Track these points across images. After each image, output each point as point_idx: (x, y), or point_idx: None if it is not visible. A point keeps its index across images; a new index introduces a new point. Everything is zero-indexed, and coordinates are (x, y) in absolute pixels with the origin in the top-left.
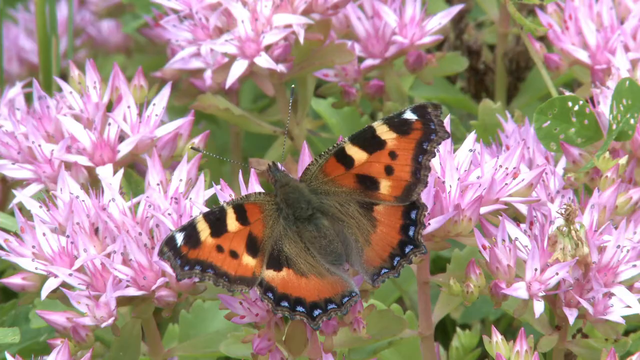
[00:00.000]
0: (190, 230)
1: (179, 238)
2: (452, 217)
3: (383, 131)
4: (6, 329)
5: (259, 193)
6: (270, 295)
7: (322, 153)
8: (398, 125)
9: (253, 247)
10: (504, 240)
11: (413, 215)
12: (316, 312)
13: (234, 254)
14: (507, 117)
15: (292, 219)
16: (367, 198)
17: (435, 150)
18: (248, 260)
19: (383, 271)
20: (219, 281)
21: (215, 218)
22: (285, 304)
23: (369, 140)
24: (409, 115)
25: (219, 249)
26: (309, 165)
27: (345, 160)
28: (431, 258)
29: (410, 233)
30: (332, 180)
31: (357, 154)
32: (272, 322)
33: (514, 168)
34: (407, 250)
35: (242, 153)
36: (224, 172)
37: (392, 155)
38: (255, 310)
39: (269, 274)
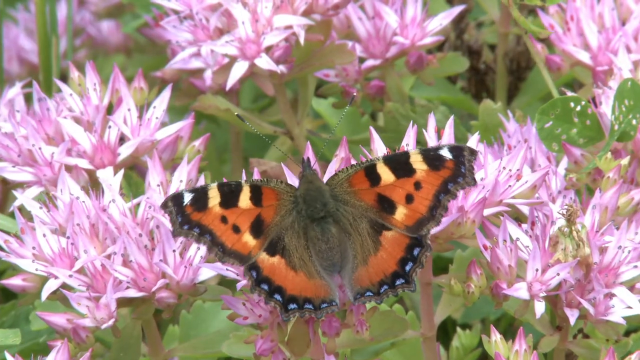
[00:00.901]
0: (200, 193)
1: (187, 197)
2: (456, 219)
3: (416, 160)
4: (7, 330)
5: (281, 181)
6: (254, 273)
7: (355, 164)
8: (432, 159)
9: (257, 228)
10: (505, 240)
11: (415, 252)
12: (291, 306)
13: (236, 229)
14: (508, 117)
15: (305, 215)
16: (380, 219)
17: (457, 193)
18: (248, 239)
19: (367, 294)
20: (213, 249)
21: (229, 190)
22: (266, 287)
23: (400, 165)
24: (445, 152)
25: (223, 219)
26: (338, 171)
27: (373, 176)
28: (433, 259)
29: (407, 268)
30: (355, 192)
31: (386, 175)
32: (275, 323)
33: (517, 170)
34: (397, 282)
35: (242, 153)
36: (224, 173)
37: (417, 185)
38: (259, 311)
39: (262, 256)
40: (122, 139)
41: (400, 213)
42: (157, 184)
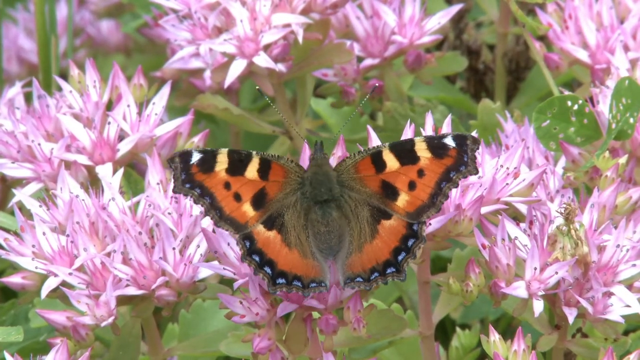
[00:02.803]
0: (209, 155)
1: (195, 157)
2: (453, 217)
3: (421, 148)
4: (9, 327)
5: (292, 160)
6: (247, 243)
7: (362, 150)
8: (436, 147)
9: (259, 201)
10: (503, 239)
11: (410, 243)
12: (280, 280)
13: (237, 197)
14: (506, 117)
15: (309, 197)
16: (382, 205)
17: (459, 182)
18: (248, 209)
19: (358, 279)
20: (210, 212)
21: (239, 159)
22: (257, 258)
23: (405, 152)
24: (449, 141)
25: (227, 185)
26: (346, 157)
27: (378, 163)
28: (432, 258)
29: (399, 258)
30: (360, 179)
31: (391, 161)
32: (273, 322)
33: (515, 168)
34: (388, 271)
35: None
36: None
37: (420, 173)
38: (256, 309)
39: (259, 228)
40: (122, 136)
41: (402, 199)
42: (157, 182)
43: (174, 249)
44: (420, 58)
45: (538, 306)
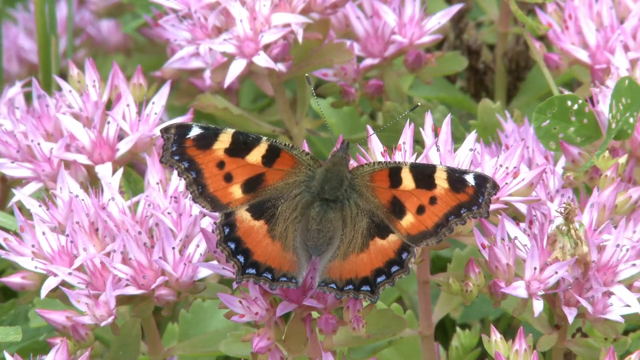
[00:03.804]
0: (209, 133)
1: (193, 132)
2: None
3: (440, 177)
4: (8, 327)
5: (308, 153)
6: (226, 230)
7: (383, 162)
8: (455, 180)
9: (251, 185)
10: (503, 239)
11: (393, 269)
12: (250, 270)
13: (228, 177)
14: (506, 117)
15: (313, 192)
16: (386, 220)
17: (467, 221)
18: (235, 191)
19: (331, 285)
20: (192, 187)
21: (243, 141)
22: (233, 246)
23: (424, 176)
24: (470, 178)
25: (220, 165)
26: (366, 164)
27: (395, 178)
28: (431, 258)
29: (378, 280)
30: (372, 188)
31: (407, 180)
32: (272, 322)
33: (514, 167)
34: (362, 288)
35: None
36: None
37: (432, 200)
38: (255, 309)
39: (243, 215)
40: (121, 136)
41: (407, 220)
42: (157, 182)
43: (173, 248)
44: (420, 58)
45: (538, 306)
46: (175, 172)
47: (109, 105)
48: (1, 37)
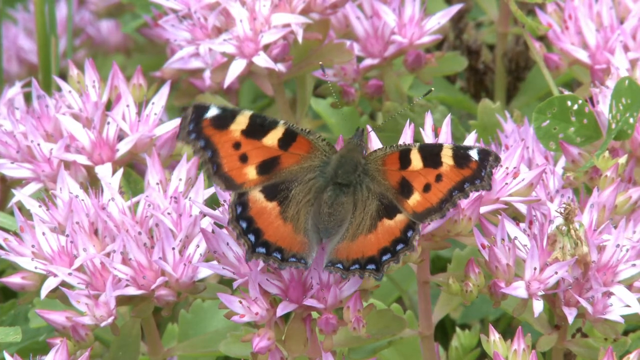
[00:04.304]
0: (227, 114)
1: (211, 112)
2: (452, 216)
3: (446, 154)
4: (8, 328)
5: (324, 139)
6: (238, 209)
7: (394, 145)
8: (460, 156)
9: (266, 167)
10: (503, 239)
11: (398, 247)
12: (260, 249)
13: (243, 158)
14: (506, 117)
15: (327, 176)
16: (394, 201)
17: (470, 194)
18: (250, 172)
19: (338, 265)
20: (207, 165)
21: (259, 123)
22: (244, 224)
23: (431, 155)
24: (473, 153)
25: (236, 145)
26: (379, 149)
27: (405, 160)
28: (431, 258)
29: (384, 257)
30: (384, 172)
31: (416, 161)
32: (272, 322)
33: (514, 168)
34: (368, 267)
35: None
36: None
37: (438, 177)
38: (255, 309)
39: (256, 196)
40: (121, 136)
41: (414, 199)
42: (157, 182)
43: (173, 249)
44: (420, 58)
45: (538, 306)
46: (174, 172)
47: (108, 106)
48: (1, 37)
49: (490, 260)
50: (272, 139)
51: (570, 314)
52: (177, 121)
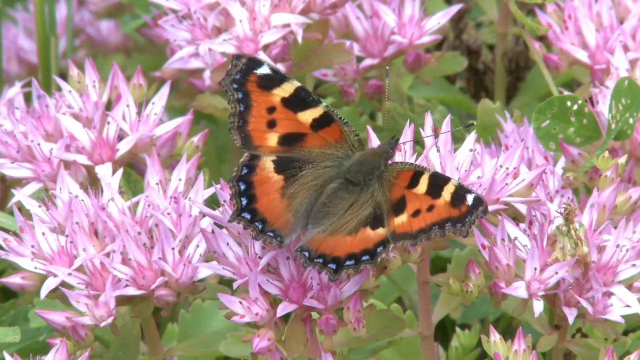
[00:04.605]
0: (276, 77)
1: (261, 69)
2: None
3: (449, 190)
4: (6, 328)
5: (357, 134)
6: (244, 170)
7: (413, 163)
8: (457, 195)
9: (289, 140)
10: (503, 239)
11: (363, 258)
12: (245, 214)
13: (271, 124)
14: (506, 117)
15: (341, 170)
16: (384, 214)
17: (446, 234)
18: (272, 139)
19: (305, 253)
20: (234, 118)
21: (303, 98)
22: (242, 187)
23: (436, 185)
24: (470, 198)
25: (270, 110)
26: (400, 162)
27: (414, 180)
28: (431, 258)
29: (347, 262)
30: (393, 184)
31: (422, 186)
32: (272, 322)
33: (514, 168)
34: (329, 265)
35: (241, 153)
36: (223, 172)
37: (430, 208)
38: (255, 309)
39: (266, 164)
40: (121, 136)
41: (401, 219)
42: (156, 182)
43: (173, 249)
44: (420, 58)
45: (538, 306)
46: (174, 172)
47: (108, 106)
48: (1, 37)
49: (491, 260)
50: (308, 116)
51: (571, 314)
52: (177, 121)
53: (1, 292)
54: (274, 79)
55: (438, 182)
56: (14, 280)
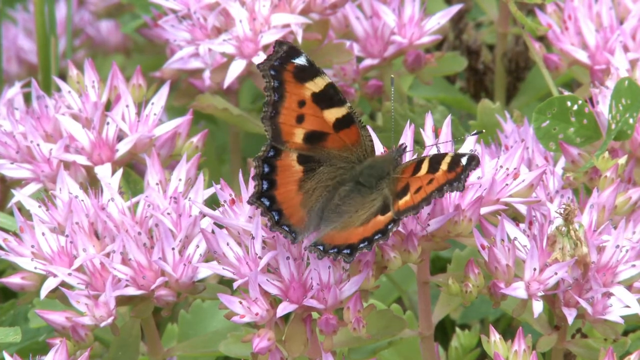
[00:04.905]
0: (312, 70)
1: (299, 60)
2: (452, 217)
3: (445, 161)
4: (7, 328)
5: (371, 139)
6: (270, 152)
7: (418, 157)
8: (453, 162)
9: (313, 138)
10: (503, 240)
11: (376, 237)
12: (265, 201)
13: (300, 119)
14: (506, 117)
15: (354, 173)
16: (391, 201)
17: (444, 194)
18: (298, 132)
19: (319, 247)
20: (268, 107)
21: (330, 95)
22: (266, 169)
23: (435, 162)
24: (464, 159)
25: (301, 104)
26: (407, 161)
27: (416, 169)
28: (431, 258)
29: (361, 245)
30: (398, 179)
31: (424, 169)
32: (272, 322)
33: (515, 169)
34: (344, 251)
35: (241, 153)
36: (223, 173)
37: (430, 181)
38: (255, 309)
39: (290, 154)
40: (121, 136)
41: (404, 199)
42: (156, 182)
43: (173, 249)
44: (420, 58)
45: (537, 307)
46: (173, 173)
47: (108, 106)
48: (1, 37)
49: (490, 260)
50: (332, 114)
51: (570, 315)
52: (176, 121)
53: (1, 292)
54: (310, 72)
55: (437, 159)
56: (14, 280)
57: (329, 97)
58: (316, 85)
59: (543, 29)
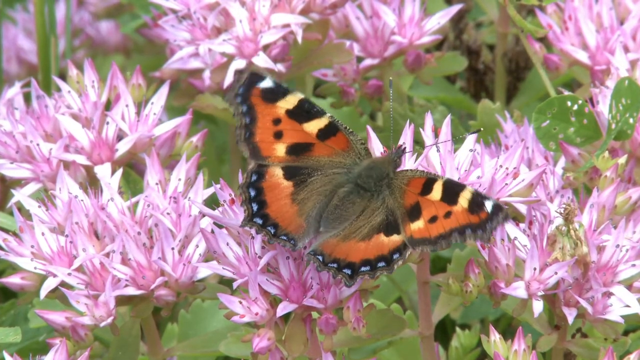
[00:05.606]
0: (279, 90)
1: (264, 83)
2: None
3: (465, 196)
4: (7, 328)
5: (362, 142)
6: (253, 177)
7: (423, 171)
8: (475, 203)
9: (296, 150)
10: (503, 239)
11: (379, 264)
12: (258, 220)
13: (277, 135)
14: (506, 117)
15: (351, 176)
16: (399, 220)
17: (468, 240)
18: (279, 149)
19: (319, 257)
20: (241, 130)
21: (307, 110)
22: (252, 193)
23: (451, 192)
24: (488, 205)
25: (276, 122)
26: (410, 170)
27: (427, 187)
28: (431, 258)
29: (362, 269)
30: (404, 191)
31: (436, 192)
32: (272, 322)
33: (514, 168)
34: (344, 270)
35: (241, 153)
36: (223, 172)
37: (448, 214)
38: (255, 309)
39: (275, 171)
40: (120, 136)
41: (417, 225)
42: (156, 182)
43: (172, 249)
44: (420, 58)
45: (537, 306)
46: (173, 172)
47: (108, 106)
48: (1, 37)
49: (490, 260)
50: (313, 126)
51: (570, 314)
52: (176, 121)
53: (1, 292)
54: (277, 92)
55: (453, 188)
56: (13, 280)
57: (305, 111)
58: (288, 102)
59: (542, 32)
